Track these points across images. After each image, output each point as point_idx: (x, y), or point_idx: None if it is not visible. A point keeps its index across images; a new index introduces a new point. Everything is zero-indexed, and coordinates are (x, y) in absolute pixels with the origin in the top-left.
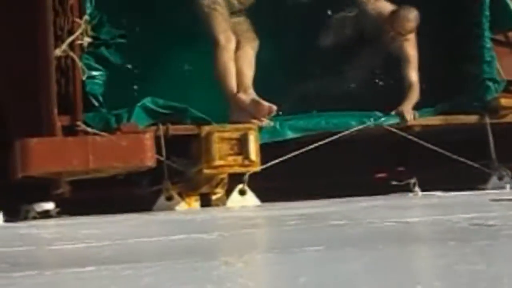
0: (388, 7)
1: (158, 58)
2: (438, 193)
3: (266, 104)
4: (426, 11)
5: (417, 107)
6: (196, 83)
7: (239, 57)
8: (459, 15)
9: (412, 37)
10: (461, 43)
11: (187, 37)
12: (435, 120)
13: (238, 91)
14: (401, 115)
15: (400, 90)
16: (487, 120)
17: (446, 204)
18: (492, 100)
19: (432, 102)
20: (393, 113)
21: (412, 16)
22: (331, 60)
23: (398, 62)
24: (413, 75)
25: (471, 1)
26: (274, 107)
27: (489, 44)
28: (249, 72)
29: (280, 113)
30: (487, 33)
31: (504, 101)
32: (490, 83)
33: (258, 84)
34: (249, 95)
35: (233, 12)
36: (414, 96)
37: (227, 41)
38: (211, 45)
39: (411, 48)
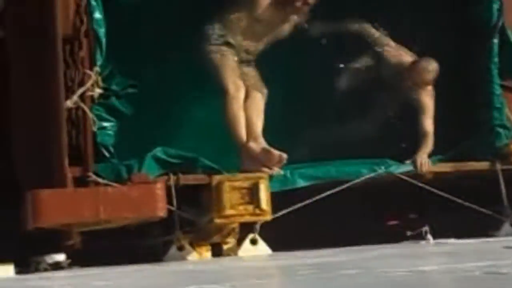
0: (408, 57)
1: (168, 108)
2: (451, 241)
3: (276, 152)
4: (436, 58)
5: (428, 155)
6: (206, 132)
7: (248, 106)
8: (468, 62)
9: (429, 88)
10: (470, 90)
11: (197, 86)
12: (447, 167)
13: (248, 140)
14: (415, 165)
15: (414, 139)
16: (498, 166)
17: (459, 252)
18: (503, 146)
19: (443, 149)
20: (407, 162)
21: (431, 67)
22: (343, 107)
23: (413, 111)
24: (429, 125)
25: (480, 48)
26: (285, 156)
27: (498, 90)
28: (258, 121)
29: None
30: (496, 80)
31: None
32: (500, 130)
33: (268, 132)
34: (259, 144)
35: (242, 61)
36: (429, 146)
37: (236, 90)
38: (221, 95)
39: (428, 98)
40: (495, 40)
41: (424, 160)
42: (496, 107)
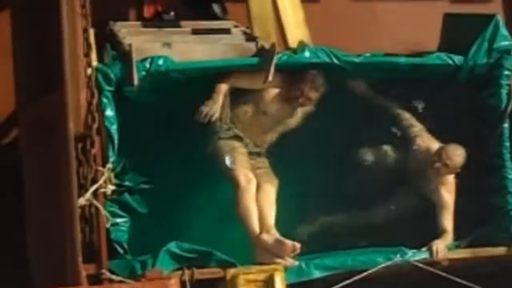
0: (436, 144)
1: (181, 202)
2: None
3: (289, 242)
4: (446, 143)
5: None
6: (220, 226)
7: (260, 198)
8: (479, 147)
9: (451, 182)
10: (483, 175)
11: (209, 181)
12: (463, 253)
13: (261, 232)
14: (431, 251)
15: (432, 231)
16: None
17: None
18: None
19: (458, 235)
20: (423, 249)
21: (460, 152)
22: (360, 197)
23: (433, 206)
24: (449, 223)
25: (491, 133)
26: (298, 245)
27: (511, 175)
28: (271, 212)
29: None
30: (509, 164)
31: None
32: None
33: (281, 222)
34: (272, 235)
35: (251, 153)
36: (448, 240)
37: (248, 183)
38: (233, 188)
39: (449, 194)
40: (506, 125)
41: (440, 247)
42: (510, 192)
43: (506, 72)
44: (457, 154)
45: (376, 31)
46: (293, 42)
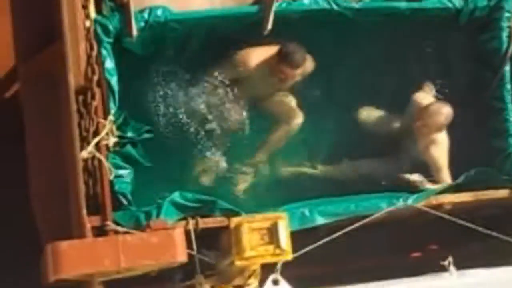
0: (426, 101)
1: (184, 152)
2: (474, 271)
3: None
4: (448, 87)
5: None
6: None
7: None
8: (481, 90)
9: (441, 141)
10: (485, 117)
11: (211, 130)
12: (465, 196)
13: None
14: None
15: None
16: None
17: (482, 283)
18: None
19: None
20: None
21: (444, 111)
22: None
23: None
24: (445, 178)
25: (491, 75)
26: None
27: None
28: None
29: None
30: (510, 107)
31: None
32: None
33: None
34: None
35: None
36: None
37: None
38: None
39: (440, 152)
40: (507, 68)
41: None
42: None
43: (507, 14)
44: (440, 113)
45: None
46: None
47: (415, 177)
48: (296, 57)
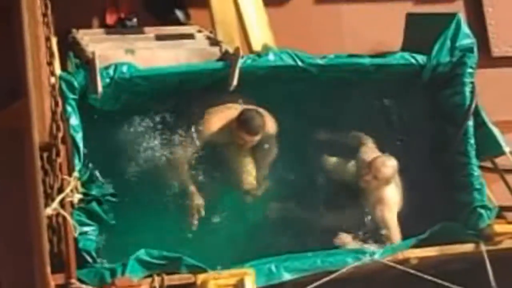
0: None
1: (149, 210)
2: None
3: None
4: (412, 142)
5: (410, 236)
6: (188, 233)
7: None
8: (445, 144)
9: (387, 197)
10: (449, 172)
11: (177, 188)
12: (431, 251)
13: None
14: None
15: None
16: (483, 247)
17: None
18: (486, 227)
19: (425, 232)
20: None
21: (390, 163)
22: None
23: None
24: (393, 237)
25: (456, 131)
26: None
27: (477, 172)
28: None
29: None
30: (474, 161)
31: (498, 228)
32: (482, 211)
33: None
34: None
35: None
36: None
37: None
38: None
39: (386, 211)
40: (470, 123)
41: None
42: (477, 188)
43: (469, 70)
44: (387, 166)
45: (340, 32)
46: (257, 46)
47: (343, 237)
48: (254, 124)
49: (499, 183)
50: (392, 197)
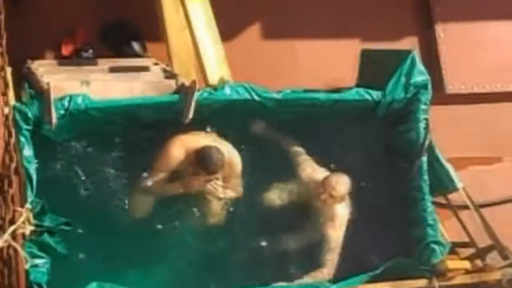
0: (321, 175)
1: (101, 243)
2: None
3: None
4: (366, 177)
5: (364, 271)
6: (140, 266)
7: None
8: (398, 180)
9: (338, 215)
10: (403, 207)
11: (130, 220)
12: (384, 286)
13: None
14: None
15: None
16: (436, 283)
17: None
18: (439, 263)
19: (378, 267)
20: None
21: (344, 180)
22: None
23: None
24: (328, 258)
25: (410, 166)
26: None
27: (430, 207)
28: None
29: None
30: (428, 197)
31: (450, 263)
32: (435, 246)
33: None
34: None
35: None
36: (322, 275)
37: None
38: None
39: (334, 230)
40: (424, 159)
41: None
42: (430, 224)
43: (423, 107)
44: (341, 183)
45: (295, 68)
46: (213, 79)
47: None
48: (213, 162)
49: (452, 219)
50: (343, 216)
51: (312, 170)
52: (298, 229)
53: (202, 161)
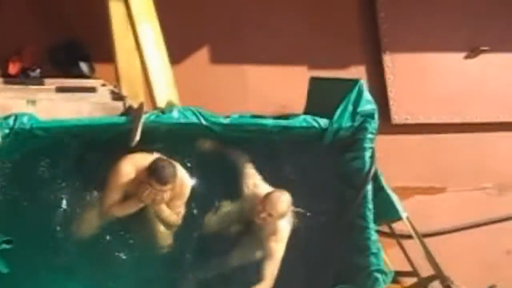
0: (266, 190)
1: (44, 262)
2: None
3: None
4: (312, 203)
5: None
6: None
7: None
8: (344, 208)
9: (281, 229)
10: (347, 235)
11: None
12: None
13: None
14: None
15: None
16: None
17: None
18: None
19: None
20: None
21: (284, 198)
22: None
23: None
24: (269, 271)
25: (355, 194)
26: None
27: (374, 236)
28: None
29: None
30: (372, 225)
31: None
32: (378, 275)
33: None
34: None
35: None
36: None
37: None
38: None
39: (276, 244)
40: (369, 187)
41: None
42: (373, 253)
43: (370, 136)
44: (281, 201)
45: (245, 93)
46: (161, 102)
47: None
48: (166, 173)
49: (395, 248)
50: (285, 230)
51: (254, 186)
52: (243, 245)
53: (154, 171)
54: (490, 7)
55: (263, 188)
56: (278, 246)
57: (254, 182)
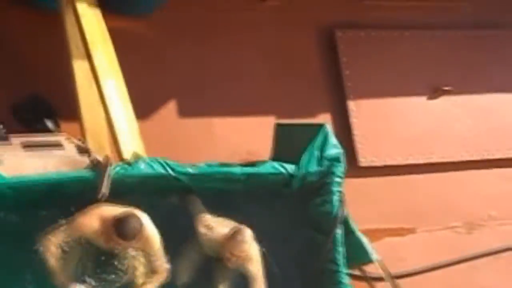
0: (224, 232)
1: None
2: None
3: None
4: (282, 249)
5: None
6: None
7: None
8: (314, 252)
9: (254, 258)
10: (319, 279)
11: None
12: None
13: None
14: None
15: None
16: None
17: None
18: None
19: None
20: None
21: (243, 237)
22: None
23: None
24: (259, 272)
25: (325, 238)
26: None
27: (346, 279)
28: None
29: None
30: (343, 269)
31: None
32: None
33: None
34: None
35: None
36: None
37: None
38: None
39: (254, 267)
40: (339, 231)
41: None
42: None
43: (337, 179)
44: (243, 242)
45: (213, 144)
46: (127, 154)
47: None
48: (129, 228)
49: None
50: (256, 252)
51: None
52: (224, 279)
53: (118, 225)
54: (451, 50)
55: (219, 229)
56: (257, 267)
57: (209, 224)
